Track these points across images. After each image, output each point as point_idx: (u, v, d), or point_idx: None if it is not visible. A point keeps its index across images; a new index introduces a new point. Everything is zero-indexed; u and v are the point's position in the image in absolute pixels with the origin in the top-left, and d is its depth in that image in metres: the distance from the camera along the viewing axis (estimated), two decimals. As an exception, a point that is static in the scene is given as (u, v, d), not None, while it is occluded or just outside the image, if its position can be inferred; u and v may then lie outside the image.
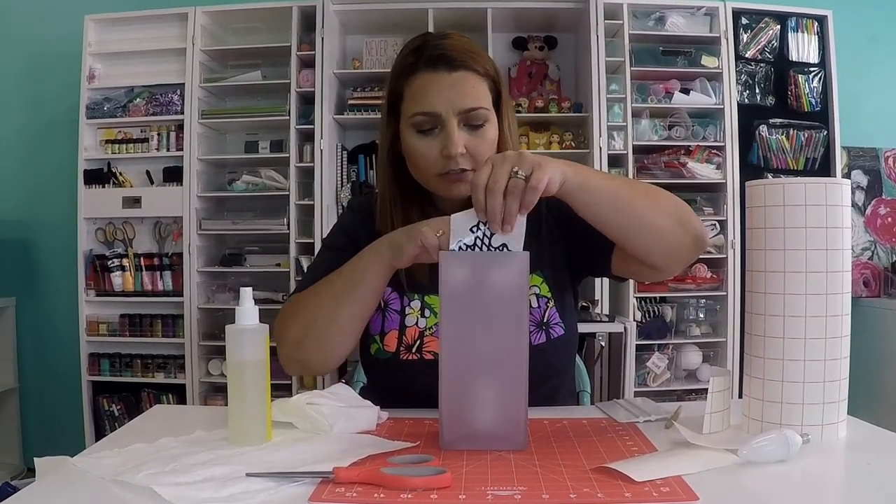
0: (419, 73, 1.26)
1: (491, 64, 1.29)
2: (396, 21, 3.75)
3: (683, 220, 1.18)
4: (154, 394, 3.78)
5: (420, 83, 1.25)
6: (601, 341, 3.26)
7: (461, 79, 1.24)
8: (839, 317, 1.00)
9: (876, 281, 4.04)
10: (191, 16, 3.66)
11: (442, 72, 1.24)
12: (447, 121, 1.24)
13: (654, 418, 1.14)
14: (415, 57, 1.27)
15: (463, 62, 1.24)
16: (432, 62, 1.24)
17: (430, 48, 1.26)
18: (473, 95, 1.25)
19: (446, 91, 1.23)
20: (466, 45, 1.27)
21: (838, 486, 0.92)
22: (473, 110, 1.25)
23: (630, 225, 1.15)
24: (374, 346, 1.35)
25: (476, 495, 0.80)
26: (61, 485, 0.88)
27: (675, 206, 1.19)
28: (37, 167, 4.08)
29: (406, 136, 1.29)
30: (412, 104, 1.26)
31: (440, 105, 1.23)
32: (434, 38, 1.28)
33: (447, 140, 1.24)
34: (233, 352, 1.01)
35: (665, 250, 1.19)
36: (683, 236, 1.18)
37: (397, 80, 1.30)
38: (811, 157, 3.70)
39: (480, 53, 1.29)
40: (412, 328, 1.34)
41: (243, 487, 0.83)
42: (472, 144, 1.26)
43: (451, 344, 0.99)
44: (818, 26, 3.74)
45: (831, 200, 0.99)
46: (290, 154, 3.63)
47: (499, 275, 1.00)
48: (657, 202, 1.17)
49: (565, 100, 3.72)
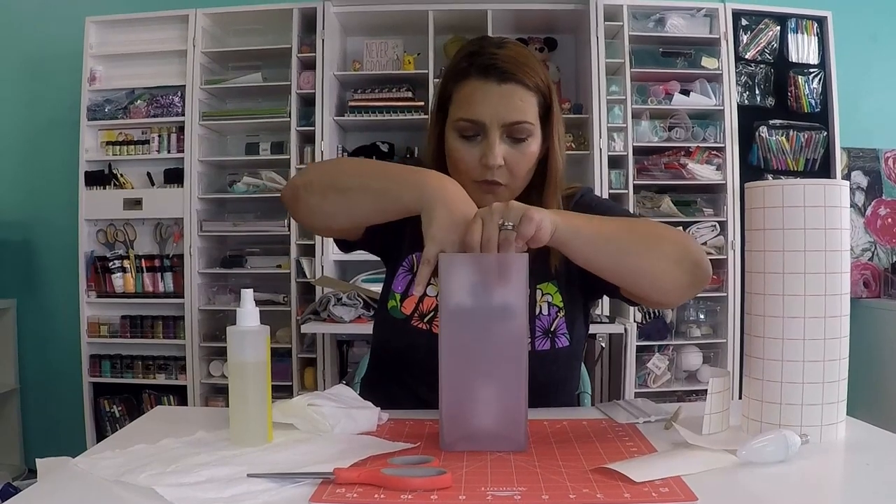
0: (469, 79, 1.26)
1: (543, 77, 1.29)
2: (397, 23, 3.76)
3: (681, 260, 1.17)
4: (155, 395, 3.79)
5: (469, 90, 1.26)
6: (601, 342, 3.27)
7: (509, 91, 1.24)
8: (838, 318, 1.00)
9: (876, 282, 4.04)
10: (191, 18, 3.67)
11: (491, 82, 1.24)
12: (490, 131, 1.24)
13: (654, 419, 1.15)
14: (468, 62, 1.27)
15: (514, 75, 1.24)
16: (483, 71, 1.25)
17: (483, 56, 1.26)
18: (520, 109, 1.25)
19: (493, 102, 1.24)
20: (520, 57, 1.27)
21: (837, 486, 0.92)
22: (518, 124, 1.25)
23: (625, 271, 1.16)
24: (392, 302, 1.38)
25: (476, 496, 0.81)
26: (63, 485, 0.88)
27: (672, 246, 1.18)
28: (38, 169, 4.09)
29: (449, 137, 1.30)
30: (459, 109, 1.27)
31: (485, 115, 1.24)
32: (490, 45, 1.28)
33: (487, 150, 1.25)
34: (234, 353, 1.02)
35: (662, 291, 1.20)
36: (681, 277, 1.18)
37: (448, 82, 1.31)
38: (811, 158, 3.71)
39: (534, 66, 1.28)
40: (431, 298, 1.35)
41: (245, 488, 0.83)
42: (512, 157, 1.26)
43: (452, 345, 1.00)
44: (818, 27, 3.75)
45: (830, 202, 0.99)
46: (291, 156, 3.64)
47: (498, 276, 1.00)
48: (654, 245, 1.17)
49: (565, 101, 3.73)
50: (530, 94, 1.26)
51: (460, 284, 0.99)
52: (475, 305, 1.00)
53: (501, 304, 0.99)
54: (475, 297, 1.00)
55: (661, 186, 3.68)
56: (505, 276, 1.00)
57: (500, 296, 0.99)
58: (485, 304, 1.00)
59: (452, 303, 1.00)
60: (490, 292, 1.00)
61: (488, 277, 1.00)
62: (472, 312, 1.00)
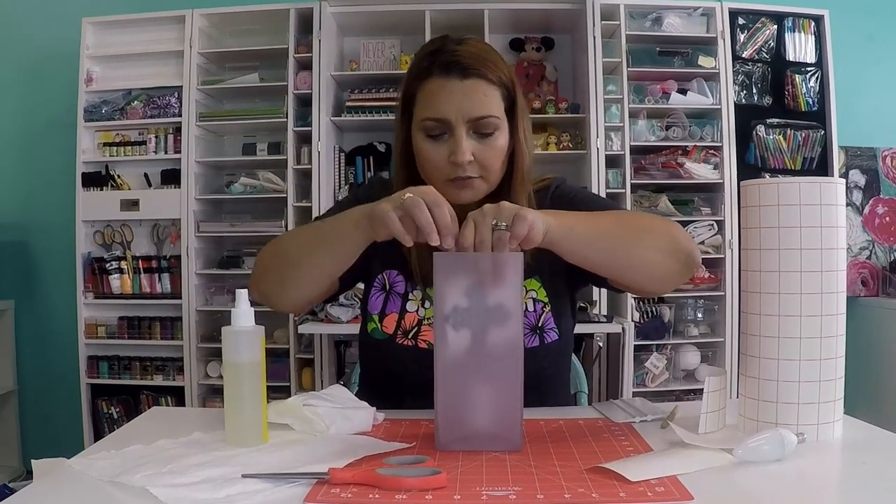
0: (432, 77, 1.25)
1: (507, 71, 1.28)
2: (393, 23, 3.75)
3: (673, 250, 1.19)
4: (153, 396, 3.78)
5: (432, 88, 1.25)
6: (599, 342, 3.27)
7: (472, 87, 1.23)
8: (834, 316, 1.00)
9: (874, 280, 4.04)
10: (188, 18, 3.66)
11: (454, 78, 1.23)
12: (456, 128, 1.24)
13: (651, 418, 1.15)
14: (430, 61, 1.26)
15: (476, 70, 1.23)
16: (445, 68, 1.24)
17: (445, 53, 1.25)
18: (484, 104, 1.24)
19: (457, 98, 1.23)
20: (482, 52, 1.26)
21: (834, 485, 0.92)
22: (483, 119, 1.24)
23: (618, 265, 1.18)
24: (371, 324, 1.37)
25: (471, 496, 0.80)
26: (58, 486, 0.88)
27: (663, 237, 1.20)
28: (35, 170, 4.08)
29: (416, 138, 1.29)
30: (423, 108, 1.26)
31: (450, 112, 1.23)
32: (451, 42, 1.28)
33: (455, 147, 1.24)
34: (229, 353, 1.02)
35: (656, 280, 1.22)
36: (674, 265, 1.20)
37: (411, 83, 1.30)
38: (808, 157, 3.70)
39: (496, 61, 1.27)
40: (412, 314, 1.35)
41: (239, 488, 0.83)
42: (480, 152, 1.26)
43: (447, 345, 0.99)
44: (815, 26, 3.74)
45: (826, 200, 0.99)
46: (288, 156, 3.64)
47: (493, 276, 1.00)
48: (646, 237, 1.18)
49: (562, 101, 3.73)
50: (494, 88, 1.26)
51: (455, 284, 0.99)
52: (470, 305, 0.99)
53: (496, 303, 0.99)
54: (470, 296, 0.99)
55: (658, 186, 3.68)
56: (500, 275, 1.00)
57: (494, 295, 0.99)
58: (480, 303, 0.99)
59: (447, 302, 0.99)
60: (485, 291, 0.99)
61: (483, 277, 1.00)
62: (466, 312, 0.99)
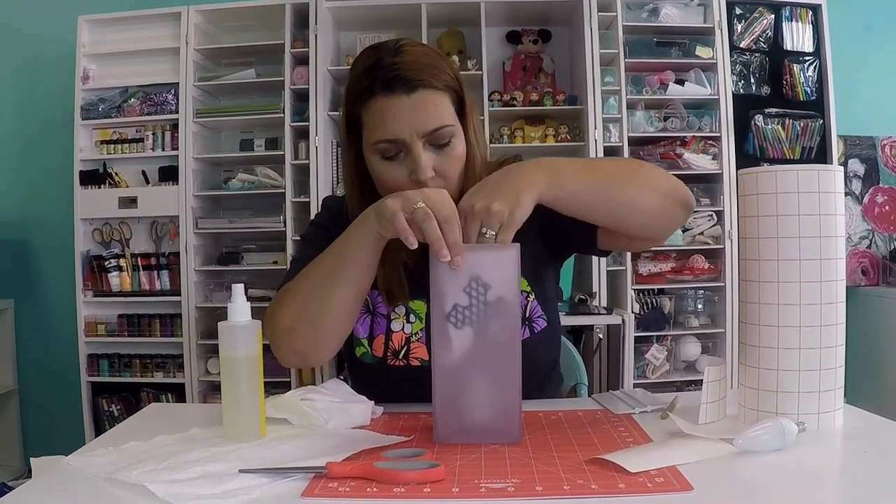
0: (376, 97, 1.17)
1: (451, 71, 1.22)
2: (390, 16, 3.74)
3: (669, 192, 1.19)
4: (153, 393, 3.78)
5: (378, 108, 1.18)
6: (599, 334, 3.26)
7: (420, 99, 1.17)
8: (834, 304, 1.00)
9: (874, 269, 4.04)
10: (184, 15, 3.65)
11: (399, 94, 1.16)
12: (412, 145, 1.17)
13: (651, 409, 1.14)
14: (369, 79, 1.18)
15: (421, 80, 1.16)
16: (388, 85, 1.16)
17: (383, 69, 1.17)
18: (436, 115, 1.18)
19: (406, 115, 1.16)
20: (422, 59, 1.19)
21: (834, 474, 0.92)
22: (438, 130, 1.18)
23: (618, 214, 1.16)
24: (360, 349, 1.32)
25: (469, 488, 0.80)
26: (55, 483, 0.88)
27: (658, 180, 1.19)
28: (32, 168, 4.08)
29: (372, 162, 1.22)
30: (373, 131, 1.19)
31: (401, 131, 1.17)
32: (387, 55, 1.19)
33: (415, 165, 1.18)
34: (225, 348, 1.01)
35: (657, 225, 1.21)
36: (672, 208, 1.19)
37: (354, 104, 1.22)
38: (807, 147, 3.70)
39: (438, 63, 1.21)
40: (398, 333, 1.31)
41: (237, 484, 0.82)
42: (440, 164, 1.21)
43: (444, 338, 0.99)
44: (812, 15, 3.73)
45: (824, 187, 0.98)
46: (286, 151, 3.63)
47: (490, 268, 0.99)
48: (642, 181, 1.17)
49: (560, 92, 3.72)
50: (442, 94, 1.20)
51: (451, 276, 0.99)
52: (467, 297, 0.99)
53: (494, 295, 0.98)
54: (466, 288, 0.99)
55: (657, 177, 3.67)
56: (497, 267, 0.99)
57: (492, 287, 0.99)
58: (477, 295, 0.99)
59: (444, 295, 0.99)
60: (482, 284, 0.99)
61: (480, 269, 0.99)
62: (464, 304, 0.99)
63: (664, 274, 3.63)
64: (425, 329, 1.30)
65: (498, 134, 3.70)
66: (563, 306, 3.30)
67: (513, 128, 3.73)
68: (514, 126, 3.73)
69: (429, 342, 1.29)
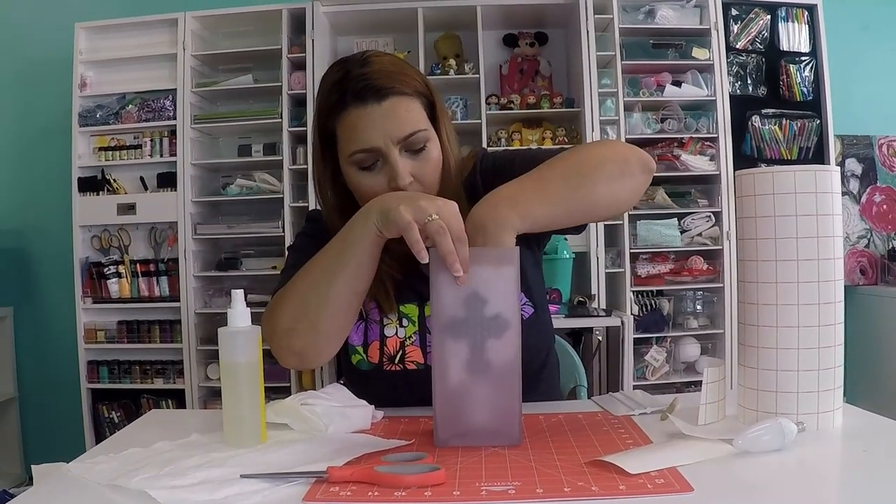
0: (348, 108, 1.19)
1: (420, 78, 1.24)
2: (386, 21, 3.76)
3: (627, 170, 1.18)
4: (153, 400, 3.78)
5: (351, 120, 1.19)
6: (599, 336, 3.26)
7: (392, 107, 1.18)
8: (832, 304, 1.00)
9: (873, 269, 4.04)
10: (181, 21, 3.66)
11: (371, 104, 1.17)
12: (388, 153, 1.18)
13: (650, 411, 1.14)
14: (339, 92, 1.19)
15: (390, 88, 1.18)
16: (359, 95, 1.17)
17: (352, 80, 1.18)
18: (408, 120, 1.19)
19: (379, 123, 1.17)
20: (389, 67, 1.21)
21: (834, 473, 0.92)
22: (412, 135, 1.19)
23: (588, 213, 1.18)
24: (356, 356, 1.33)
25: (470, 491, 0.80)
26: (57, 490, 0.88)
27: (614, 160, 1.18)
28: (31, 176, 4.08)
29: (350, 174, 1.23)
30: (348, 143, 1.20)
31: (376, 139, 1.17)
32: (354, 66, 1.20)
33: (392, 173, 1.19)
34: (226, 354, 1.01)
35: (625, 202, 1.22)
36: (632, 181, 1.19)
37: (326, 119, 1.23)
38: (805, 147, 3.70)
39: (406, 71, 1.22)
40: (392, 338, 1.32)
41: (238, 489, 0.82)
42: (418, 169, 1.21)
43: (444, 341, 0.99)
44: (808, 15, 3.74)
45: (821, 188, 0.99)
46: (284, 157, 3.64)
47: (489, 270, 0.99)
48: (600, 172, 1.16)
49: (557, 95, 3.72)
50: (413, 100, 1.21)
51: (450, 279, 0.99)
52: (466, 300, 0.99)
53: (493, 298, 0.99)
54: (466, 290, 0.99)
55: (654, 178, 3.65)
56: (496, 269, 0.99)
57: (491, 290, 0.99)
58: (476, 298, 0.99)
59: (443, 298, 0.99)
60: (481, 286, 0.99)
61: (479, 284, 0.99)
62: (463, 307, 0.99)
63: (663, 275, 3.63)
64: (419, 332, 1.31)
65: (495, 137, 3.70)
66: (563, 308, 3.31)
67: (510, 131, 3.73)
68: (511, 129, 3.74)
69: (423, 345, 1.30)
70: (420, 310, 1.32)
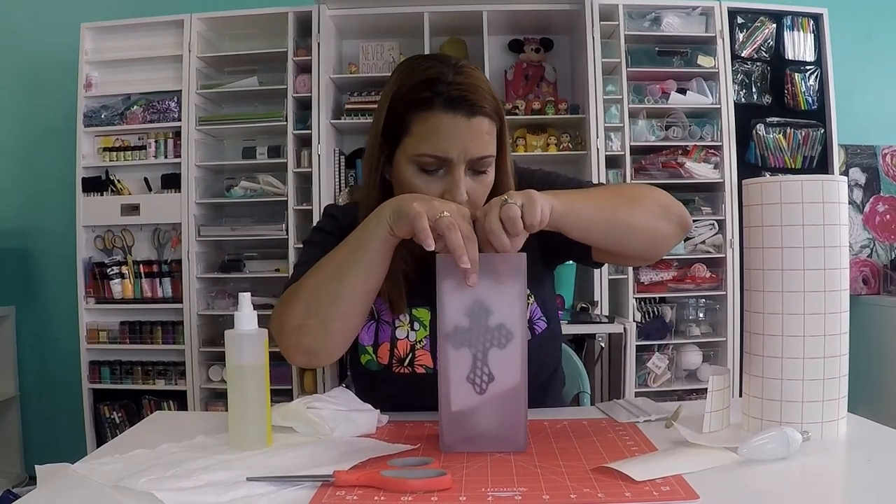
0: (434, 111, 1.16)
1: (496, 97, 1.22)
2: (393, 25, 3.75)
3: (667, 214, 1.22)
4: (155, 401, 3.78)
5: (434, 123, 1.17)
6: (601, 342, 3.26)
7: (478, 125, 1.17)
8: (838, 314, 1.00)
9: (875, 278, 4.04)
10: (187, 23, 3.66)
11: (461, 116, 1.16)
12: (456, 167, 1.17)
13: (655, 418, 1.14)
14: (430, 91, 1.17)
15: (482, 107, 1.17)
16: (452, 104, 1.16)
17: (447, 85, 1.17)
18: (486, 143, 1.19)
19: (462, 137, 1.16)
20: (478, 82, 1.20)
21: (839, 483, 0.92)
22: (483, 158, 1.19)
23: (621, 236, 1.19)
24: (365, 356, 1.32)
25: (476, 497, 0.80)
26: (62, 491, 0.88)
27: (657, 201, 1.22)
28: (35, 176, 4.08)
29: (405, 169, 1.21)
30: (421, 143, 1.18)
31: (453, 151, 1.16)
32: (449, 70, 1.19)
33: (453, 186, 1.17)
34: (232, 357, 1.02)
35: (656, 247, 1.24)
36: (669, 226, 1.22)
37: (407, 111, 1.20)
38: (809, 156, 3.70)
39: (488, 88, 1.21)
40: (403, 341, 1.31)
41: (245, 492, 0.83)
42: (473, 189, 1.21)
43: (451, 346, 0.99)
44: (814, 24, 3.74)
45: (828, 197, 0.99)
46: (288, 159, 3.64)
47: (496, 276, 1.00)
48: (641, 204, 1.20)
49: (562, 101, 3.72)
50: (493, 124, 1.21)
51: (458, 284, 0.99)
52: (473, 305, 0.99)
53: (500, 303, 0.99)
54: (473, 296, 0.99)
55: (658, 185, 3.66)
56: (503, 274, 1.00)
57: (498, 295, 0.99)
58: (483, 303, 0.99)
59: (450, 303, 0.99)
60: (488, 291, 0.99)
61: (486, 276, 0.99)
62: (470, 312, 0.99)
63: (665, 283, 3.63)
64: (430, 337, 1.31)
65: (500, 142, 3.69)
66: (565, 315, 3.31)
67: (515, 137, 3.73)
68: (516, 135, 3.74)
69: (433, 350, 1.30)
70: (432, 315, 1.32)
